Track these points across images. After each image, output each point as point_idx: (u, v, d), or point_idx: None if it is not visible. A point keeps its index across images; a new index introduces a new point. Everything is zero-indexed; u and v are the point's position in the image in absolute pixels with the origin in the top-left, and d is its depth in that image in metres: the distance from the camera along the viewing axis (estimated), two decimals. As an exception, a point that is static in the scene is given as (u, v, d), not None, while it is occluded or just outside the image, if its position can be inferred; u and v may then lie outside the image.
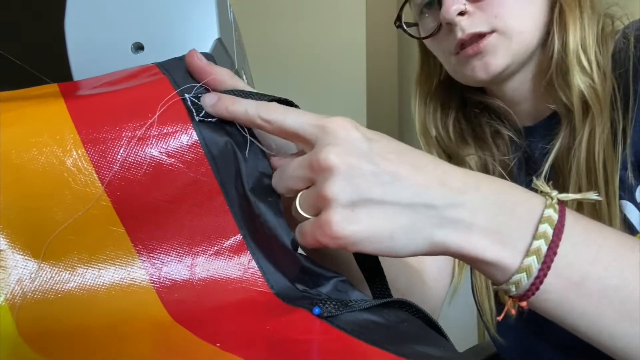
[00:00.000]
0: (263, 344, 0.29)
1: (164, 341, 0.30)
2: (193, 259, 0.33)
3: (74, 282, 0.31)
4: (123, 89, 0.35)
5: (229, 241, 0.34)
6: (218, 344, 0.28)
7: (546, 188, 0.35)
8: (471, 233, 0.32)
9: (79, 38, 0.50)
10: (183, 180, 0.33)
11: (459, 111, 0.70)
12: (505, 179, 0.63)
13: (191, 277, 0.33)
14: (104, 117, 0.33)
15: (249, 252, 0.34)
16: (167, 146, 0.33)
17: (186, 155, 0.33)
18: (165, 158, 0.33)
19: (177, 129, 0.33)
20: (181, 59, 0.38)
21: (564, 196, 0.34)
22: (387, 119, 2.43)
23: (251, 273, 0.34)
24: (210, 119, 0.34)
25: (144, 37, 0.49)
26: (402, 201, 0.32)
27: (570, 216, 0.34)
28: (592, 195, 0.36)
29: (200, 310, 0.32)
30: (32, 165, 0.31)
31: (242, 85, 0.38)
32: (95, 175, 0.32)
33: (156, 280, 0.32)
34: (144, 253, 0.33)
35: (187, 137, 0.33)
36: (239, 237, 0.34)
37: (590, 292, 0.33)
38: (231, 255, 0.34)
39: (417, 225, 0.32)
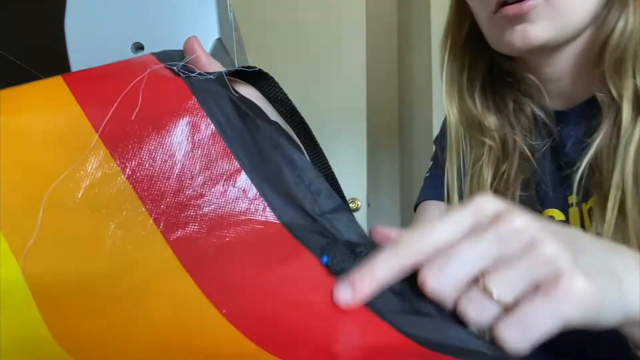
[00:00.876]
0: (268, 312, 0.29)
1: (169, 296, 0.30)
2: (197, 199, 0.33)
3: (76, 228, 0.32)
4: (114, 63, 0.38)
5: (231, 178, 0.34)
6: (224, 310, 0.28)
7: None
8: None
9: (79, 38, 0.50)
10: (175, 123, 0.34)
11: (486, 77, 0.62)
12: (527, 159, 0.57)
13: (197, 215, 0.33)
14: (96, 79, 0.35)
15: (252, 184, 0.34)
16: (157, 94, 0.35)
17: (173, 97, 0.35)
18: (156, 105, 0.34)
19: (166, 80, 0.36)
20: (171, 51, 0.41)
21: None
22: (387, 118, 2.43)
23: (256, 204, 0.34)
24: (200, 77, 0.36)
25: (144, 37, 0.49)
26: (597, 262, 0.29)
27: None
28: None
29: (206, 250, 0.32)
30: (30, 124, 0.33)
31: (219, 68, 0.40)
32: (89, 125, 0.33)
33: (159, 217, 0.32)
34: (146, 196, 0.33)
35: (174, 83, 0.35)
36: (241, 171, 0.34)
37: None
38: (234, 188, 0.34)
39: (610, 289, 0.29)
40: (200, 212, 0.33)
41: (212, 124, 0.35)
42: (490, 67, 0.61)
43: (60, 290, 0.30)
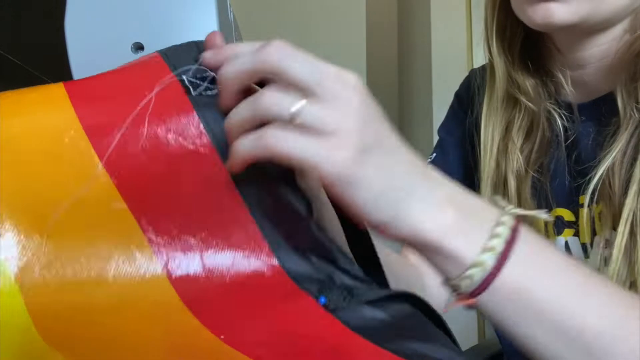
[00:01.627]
0: (266, 339, 0.29)
1: (169, 328, 0.30)
2: (199, 234, 0.33)
3: (80, 261, 0.31)
4: (121, 69, 0.36)
5: (234, 214, 0.34)
6: (222, 337, 0.29)
7: (502, 202, 0.36)
8: (439, 217, 0.33)
9: (79, 38, 0.50)
10: (182, 155, 0.33)
11: (525, 39, 0.57)
12: (548, 143, 0.55)
13: (199, 251, 0.33)
14: (100, 94, 0.34)
15: (256, 224, 0.34)
16: (164, 121, 0.33)
17: (185, 130, 0.33)
18: (163, 133, 0.33)
19: (174, 104, 0.34)
20: (180, 45, 0.38)
21: (515, 211, 0.35)
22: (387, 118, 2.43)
23: (259, 246, 0.33)
24: (208, 92, 0.34)
25: (144, 37, 0.49)
26: (401, 166, 0.32)
27: (524, 228, 0.34)
28: (543, 215, 0.36)
29: (208, 289, 0.32)
30: (30, 145, 0.32)
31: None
32: (93, 151, 0.32)
33: (163, 255, 0.32)
34: (149, 229, 0.32)
35: (185, 113, 0.33)
36: (245, 208, 0.34)
37: (530, 303, 0.33)
38: (238, 228, 0.34)
39: (400, 192, 0.32)
40: (204, 252, 0.33)
41: (221, 160, 0.33)
42: (528, 31, 0.56)
43: (60, 322, 0.30)
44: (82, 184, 0.31)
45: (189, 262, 0.32)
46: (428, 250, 0.34)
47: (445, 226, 0.33)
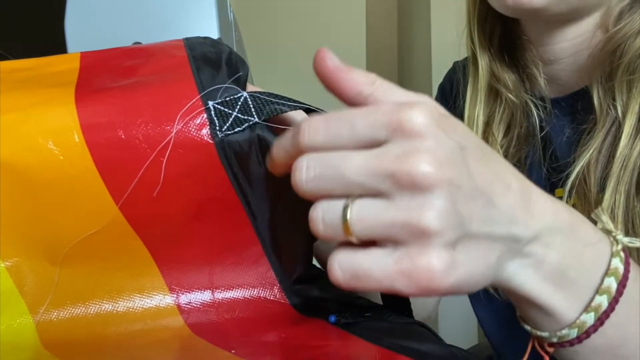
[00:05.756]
0: (279, 350, 0.30)
1: (180, 349, 0.31)
2: (211, 269, 0.33)
3: (93, 292, 0.32)
4: (141, 88, 0.31)
5: (248, 252, 0.34)
6: (233, 351, 0.29)
7: (610, 225, 0.30)
8: (539, 272, 0.27)
9: (79, 38, 0.50)
10: (201, 196, 0.31)
11: (504, 32, 0.57)
12: (526, 138, 0.54)
13: (210, 286, 0.33)
14: (116, 125, 0.30)
15: (268, 262, 0.34)
16: (184, 162, 0.30)
17: (205, 172, 0.31)
18: (183, 179, 0.31)
19: (196, 143, 0.30)
20: (208, 41, 0.36)
21: (629, 242, 0.29)
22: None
23: (269, 283, 0.34)
24: (236, 130, 0.30)
25: (144, 37, 0.49)
26: (495, 233, 0.25)
27: (634, 271, 0.29)
28: None
29: (218, 320, 0.32)
30: (41, 175, 0.29)
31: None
32: (107, 192, 0.30)
33: (175, 288, 0.33)
34: (163, 264, 0.33)
35: (207, 153, 0.30)
36: (258, 248, 0.34)
37: (626, 356, 0.29)
38: (249, 265, 0.34)
39: (500, 260, 0.26)
40: (216, 289, 0.33)
41: (244, 209, 0.32)
42: (505, 25, 0.56)
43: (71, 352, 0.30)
44: (95, 223, 0.30)
45: (201, 297, 0.33)
46: (523, 303, 0.29)
47: (545, 282, 0.28)
